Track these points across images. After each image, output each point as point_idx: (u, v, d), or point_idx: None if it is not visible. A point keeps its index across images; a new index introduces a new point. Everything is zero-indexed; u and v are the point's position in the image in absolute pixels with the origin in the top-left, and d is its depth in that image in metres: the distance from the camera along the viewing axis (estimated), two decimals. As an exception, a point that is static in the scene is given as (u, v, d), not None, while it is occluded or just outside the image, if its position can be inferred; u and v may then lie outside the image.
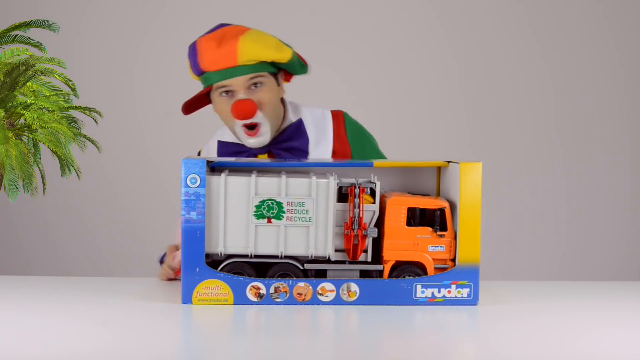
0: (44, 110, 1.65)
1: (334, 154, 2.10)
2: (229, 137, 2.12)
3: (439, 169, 1.79)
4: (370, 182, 1.67)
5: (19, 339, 1.36)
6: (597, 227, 4.03)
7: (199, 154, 2.23)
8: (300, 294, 1.63)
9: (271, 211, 1.64)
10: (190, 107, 2.11)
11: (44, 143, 1.66)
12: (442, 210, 1.67)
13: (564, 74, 4.01)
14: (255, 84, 1.99)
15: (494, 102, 4.02)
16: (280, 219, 1.64)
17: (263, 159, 2.06)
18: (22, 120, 1.65)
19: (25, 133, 1.66)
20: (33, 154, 1.66)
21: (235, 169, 1.71)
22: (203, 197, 1.61)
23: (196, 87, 2.09)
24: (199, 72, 2.03)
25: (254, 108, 1.97)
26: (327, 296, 1.64)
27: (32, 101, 1.65)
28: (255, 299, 1.63)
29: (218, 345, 1.40)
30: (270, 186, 1.64)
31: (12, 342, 1.35)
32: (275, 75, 2.05)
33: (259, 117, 2.00)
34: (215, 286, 1.62)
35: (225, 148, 2.11)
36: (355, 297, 1.64)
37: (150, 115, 3.97)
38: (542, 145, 4.03)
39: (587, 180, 4.03)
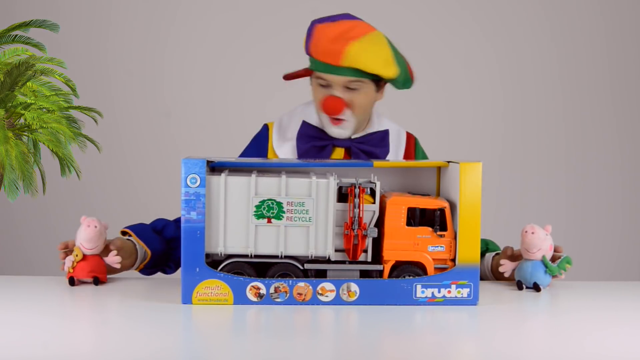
0: (44, 110, 1.65)
1: None
2: (314, 120, 2.15)
3: (439, 169, 1.79)
4: (370, 182, 1.67)
5: (19, 339, 1.36)
6: (596, 227, 4.04)
7: (265, 127, 2.22)
8: (300, 294, 1.63)
9: (271, 211, 1.64)
10: (291, 75, 2.15)
11: (44, 143, 1.66)
12: (442, 210, 1.67)
13: (564, 74, 4.01)
14: (352, 87, 2.03)
15: (494, 103, 4.02)
16: (280, 219, 1.64)
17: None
18: (22, 120, 1.65)
19: (25, 133, 1.66)
20: (33, 154, 1.66)
21: (235, 169, 1.71)
22: (203, 197, 1.61)
23: (193, 83, 2.09)
24: (307, 54, 2.06)
25: (342, 107, 2.02)
26: (327, 296, 1.64)
27: (32, 101, 1.65)
28: (255, 299, 1.63)
29: (218, 345, 1.40)
30: (270, 186, 1.64)
31: (12, 342, 1.35)
32: (377, 81, 2.07)
33: (345, 115, 2.05)
34: (215, 286, 1.62)
35: (309, 130, 2.13)
36: (355, 297, 1.64)
37: (150, 115, 3.97)
38: (542, 146, 4.03)
39: (586, 180, 4.04)
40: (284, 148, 2.15)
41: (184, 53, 3.96)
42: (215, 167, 1.71)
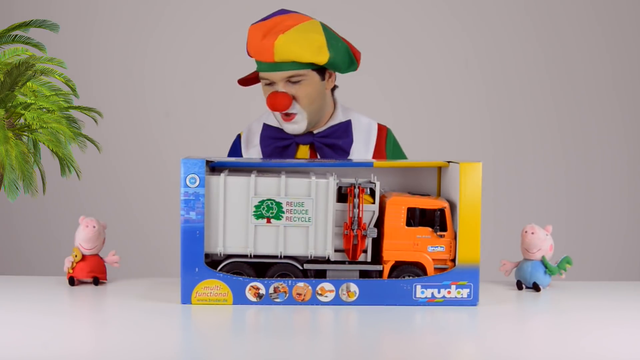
0: (44, 110, 1.65)
1: None
2: (274, 122, 2.15)
3: (439, 169, 1.79)
4: (370, 182, 1.67)
5: (19, 339, 1.36)
6: (596, 227, 4.04)
7: (238, 136, 2.24)
8: (299, 294, 1.63)
9: (270, 211, 1.64)
10: (246, 81, 2.15)
11: (44, 143, 1.66)
12: (442, 211, 1.67)
13: (564, 73, 4.01)
14: (293, 81, 2.03)
15: (494, 102, 4.02)
16: (280, 219, 1.64)
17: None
18: (22, 120, 1.65)
19: (25, 133, 1.66)
20: (33, 154, 1.66)
21: (234, 169, 1.71)
22: (202, 197, 1.61)
23: (191, 83, 2.09)
24: (249, 56, 2.07)
25: (287, 102, 2.02)
26: (326, 296, 1.64)
27: (32, 101, 1.65)
28: (254, 299, 1.63)
29: (218, 345, 1.40)
30: (269, 186, 1.64)
31: (12, 342, 1.35)
32: (320, 70, 2.06)
33: (295, 109, 2.05)
34: (214, 286, 1.62)
35: (269, 132, 2.14)
36: (354, 298, 1.64)
37: (150, 115, 3.97)
38: (542, 146, 4.03)
39: (586, 180, 4.03)
40: (251, 154, 2.16)
41: (184, 53, 3.96)
42: (214, 167, 1.71)
